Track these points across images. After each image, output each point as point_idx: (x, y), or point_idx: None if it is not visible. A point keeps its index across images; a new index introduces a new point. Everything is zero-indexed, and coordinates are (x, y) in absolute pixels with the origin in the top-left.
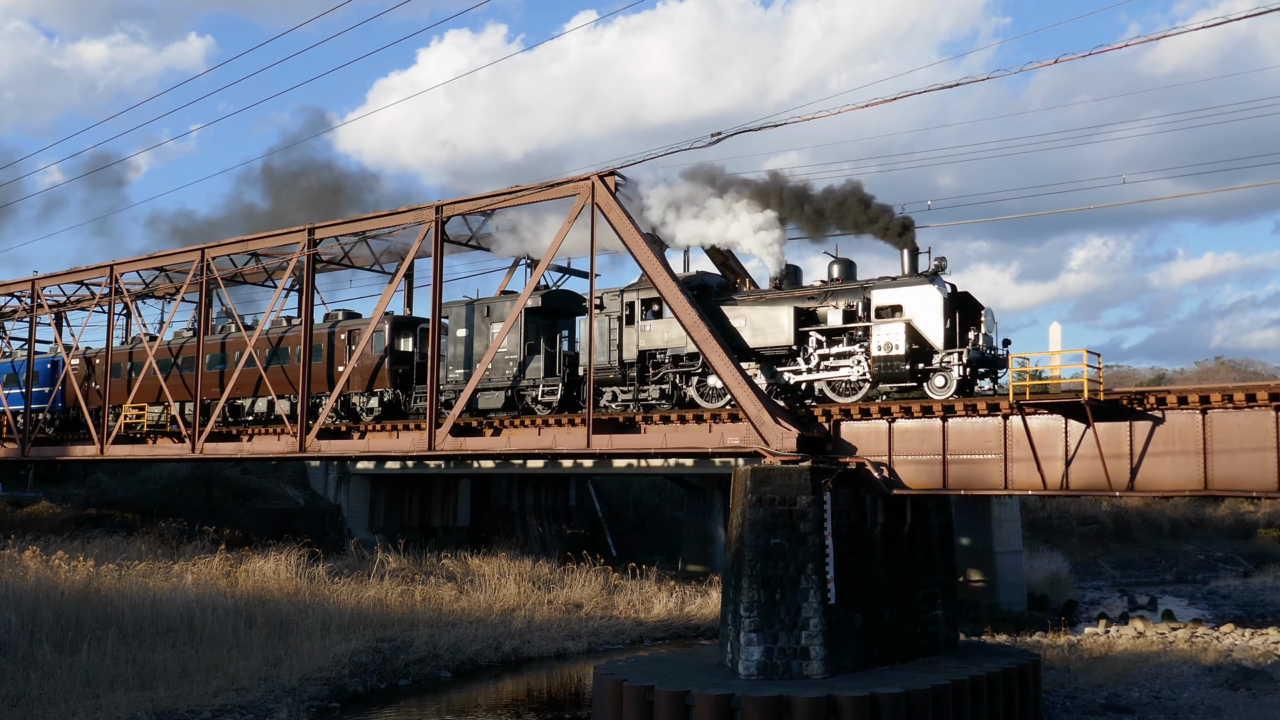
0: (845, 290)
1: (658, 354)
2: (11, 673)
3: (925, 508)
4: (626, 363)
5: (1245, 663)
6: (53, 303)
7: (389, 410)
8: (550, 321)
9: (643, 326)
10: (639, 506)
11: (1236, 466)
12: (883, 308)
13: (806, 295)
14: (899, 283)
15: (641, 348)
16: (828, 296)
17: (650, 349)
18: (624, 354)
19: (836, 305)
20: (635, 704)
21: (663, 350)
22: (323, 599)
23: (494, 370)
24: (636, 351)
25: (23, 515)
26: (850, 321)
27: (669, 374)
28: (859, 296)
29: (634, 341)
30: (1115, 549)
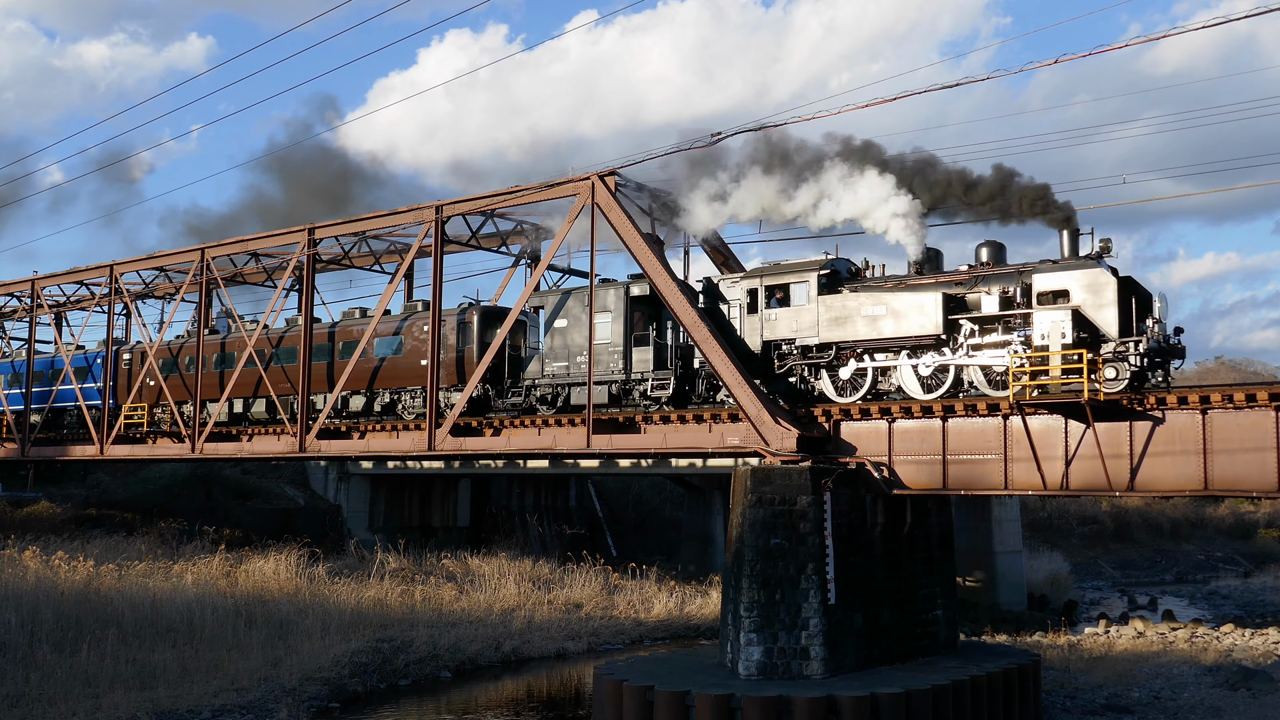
0: (999, 275)
1: (784, 345)
2: (11, 673)
3: (925, 508)
4: (750, 353)
5: (1245, 663)
6: (53, 303)
7: (476, 406)
8: (656, 310)
9: (768, 315)
10: (639, 506)
11: (1236, 466)
12: (1045, 293)
13: (954, 280)
14: (1064, 265)
15: (766, 338)
16: (979, 282)
17: (776, 339)
18: (747, 345)
19: (990, 291)
20: (635, 704)
21: (790, 340)
22: (323, 599)
23: (596, 363)
24: (760, 342)
25: (23, 515)
26: (1007, 308)
27: (797, 366)
28: (1015, 281)
29: (757, 332)
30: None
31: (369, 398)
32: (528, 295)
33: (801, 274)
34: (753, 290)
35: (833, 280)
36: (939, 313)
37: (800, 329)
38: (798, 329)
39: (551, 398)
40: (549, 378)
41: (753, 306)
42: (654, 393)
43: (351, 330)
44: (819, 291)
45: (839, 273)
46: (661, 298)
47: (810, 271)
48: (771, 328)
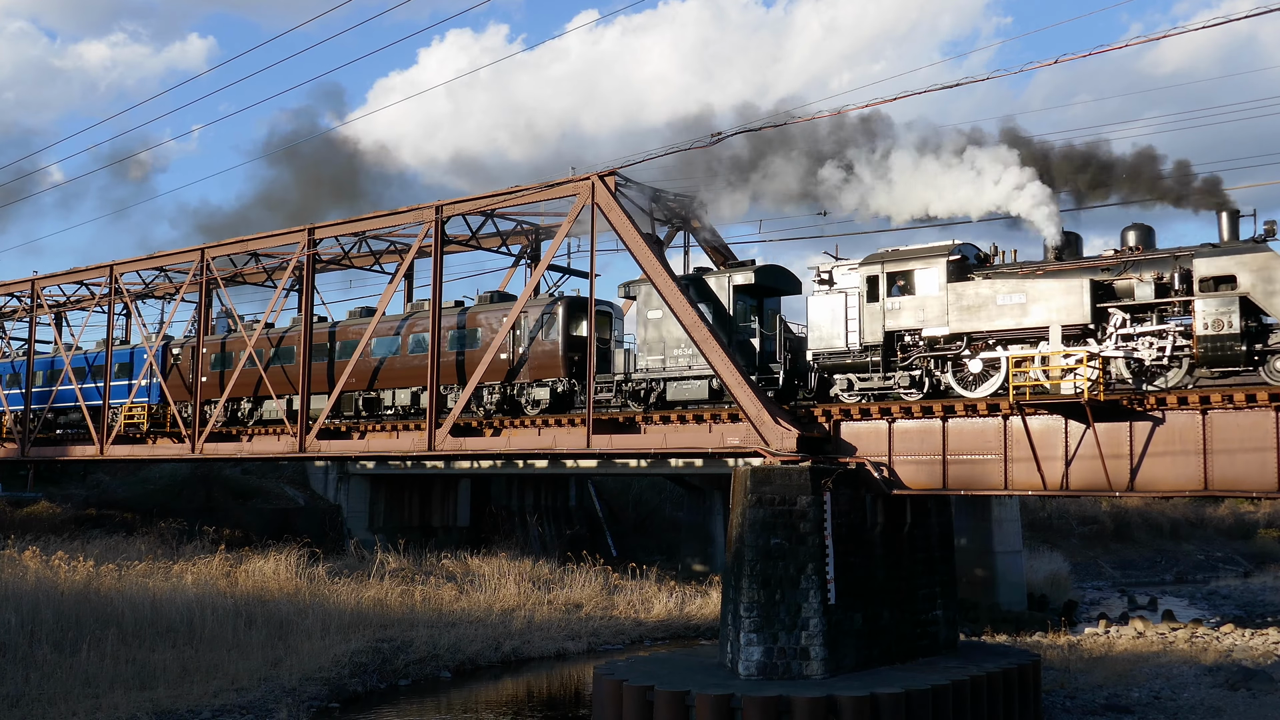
0: (1151, 260)
1: (907, 335)
2: (11, 673)
3: (925, 508)
4: (869, 345)
5: (1245, 663)
6: (52, 303)
7: (559, 403)
8: (757, 301)
9: (890, 304)
10: (639, 506)
11: (1236, 466)
12: (1208, 279)
13: (1100, 266)
14: (1228, 249)
15: (888, 328)
16: (1129, 267)
17: (899, 330)
18: (865, 336)
19: (1142, 277)
20: (635, 704)
21: (915, 331)
22: (323, 599)
23: (696, 356)
24: (882, 333)
25: (22, 515)
26: (1163, 295)
27: (922, 358)
28: (1171, 266)
29: (878, 321)
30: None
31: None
32: (527, 296)
33: (928, 259)
34: (873, 277)
35: (960, 267)
36: (1087, 300)
37: (927, 318)
38: (924, 318)
39: (645, 393)
40: (642, 372)
41: (873, 294)
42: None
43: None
44: (948, 278)
45: (967, 258)
46: (661, 297)
47: (938, 257)
48: (894, 317)
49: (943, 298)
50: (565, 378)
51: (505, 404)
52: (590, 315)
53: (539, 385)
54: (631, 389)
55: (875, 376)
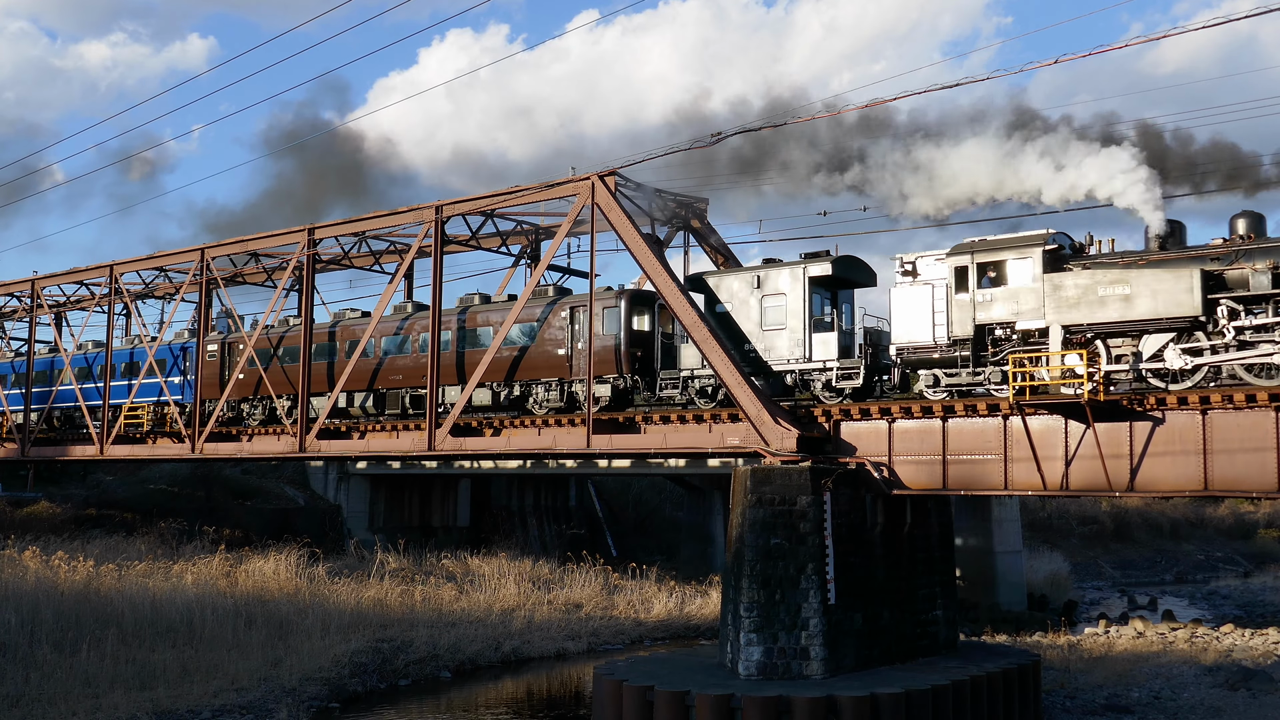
0: (1266, 248)
1: (999, 328)
2: (11, 673)
3: (925, 508)
4: (957, 339)
5: (1245, 663)
6: (52, 303)
7: (619, 400)
8: (832, 293)
9: (980, 296)
10: (639, 506)
11: (1236, 467)
12: None
13: (1210, 255)
14: None
15: (979, 321)
16: (1241, 256)
17: (990, 323)
18: (953, 329)
19: (1256, 266)
20: (635, 704)
21: (1007, 324)
22: (322, 599)
23: (770, 349)
24: (972, 326)
25: (22, 515)
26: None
27: (1014, 353)
28: None
29: (967, 314)
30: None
31: (496, 392)
32: (527, 295)
33: (1023, 249)
34: (961, 268)
35: (1057, 256)
36: (1198, 291)
37: (1021, 311)
38: (1018, 311)
39: (713, 390)
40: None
41: (961, 285)
42: (839, 383)
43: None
44: (1044, 268)
45: (1062, 247)
46: (661, 297)
47: (1033, 247)
48: (985, 309)
49: (1038, 289)
50: (627, 374)
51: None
52: (590, 312)
53: (599, 382)
54: (700, 386)
55: (964, 372)
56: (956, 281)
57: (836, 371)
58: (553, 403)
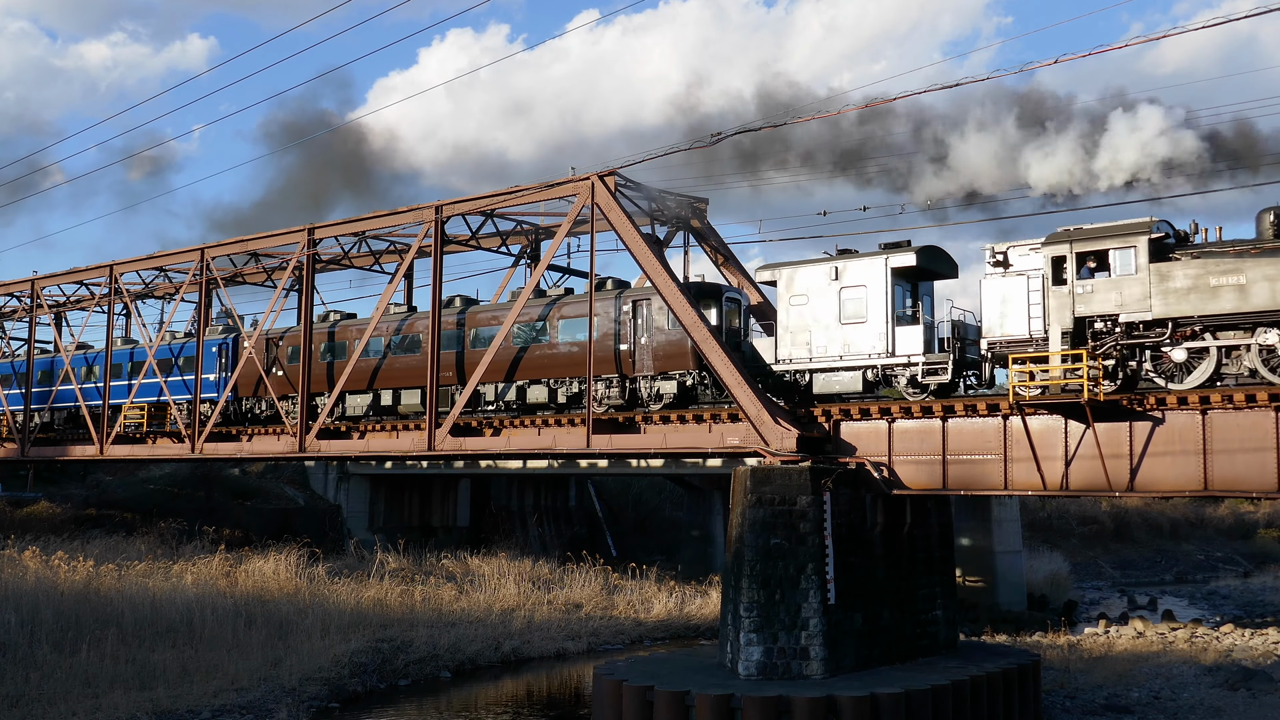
0: None
1: (1100, 321)
2: (11, 673)
3: (925, 508)
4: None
5: (1245, 663)
6: (52, 303)
7: (685, 396)
8: (913, 284)
9: (1080, 287)
10: (639, 506)
11: (1236, 467)
12: None
13: None
14: None
15: (1079, 314)
16: None
17: (1090, 315)
18: (1050, 322)
19: None
20: (635, 704)
21: (1110, 317)
22: (322, 599)
23: (850, 344)
24: (1070, 319)
25: (22, 515)
26: None
27: (1117, 347)
28: None
29: (1066, 306)
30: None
31: (551, 389)
32: (527, 295)
33: (1126, 237)
34: (1059, 258)
35: (1162, 245)
36: None
37: (1126, 302)
38: (1122, 302)
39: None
40: (784, 363)
41: (1058, 276)
42: (924, 379)
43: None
44: (1149, 258)
45: (1166, 236)
46: (661, 296)
47: (1138, 235)
48: (1085, 301)
49: (1143, 279)
50: (695, 369)
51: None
52: (590, 310)
53: (664, 378)
54: (773, 382)
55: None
56: (1053, 272)
57: (922, 367)
58: (612, 399)
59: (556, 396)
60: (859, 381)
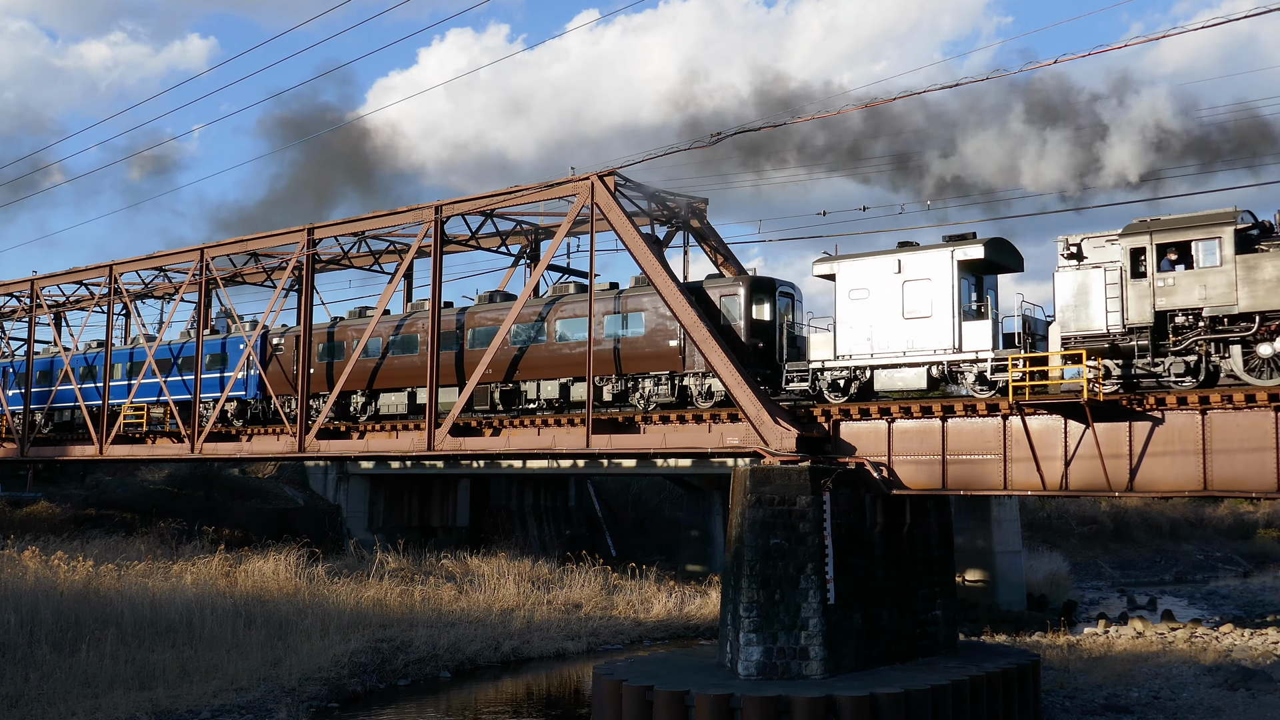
0: None
1: (1181, 315)
2: (11, 673)
3: (925, 508)
4: (1134, 327)
5: (1244, 663)
6: (51, 303)
7: None
8: (978, 277)
9: (1160, 280)
10: (639, 506)
11: (1236, 467)
12: None
13: None
14: None
15: (1160, 307)
16: None
17: (1172, 309)
18: (1129, 316)
19: None
20: (635, 704)
21: (1193, 310)
22: (322, 599)
23: (915, 338)
24: (1150, 312)
25: (22, 515)
26: None
27: (1201, 341)
28: None
29: (1145, 299)
30: (1115, 549)
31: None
32: (527, 295)
33: (1211, 228)
34: (1138, 250)
35: (1248, 236)
36: None
37: (1210, 296)
38: (1206, 295)
39: (845, 383)
40: (844, 358)
41: (1137, 269)
42: (994, 375)
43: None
44: (1236, 249)
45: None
46: (661, 296)
47: (1223, 225)
48: (1166, 294)
49: (1229, 271)
50: (749, 365)
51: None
52: (590, 309)
53: (714, 375)
54: (831, 378)
55: (1140, 362)
56: (1132, 264)
57: (991, 363)
58: (662, 397)
59: (602, 394)
60: (923, 378)
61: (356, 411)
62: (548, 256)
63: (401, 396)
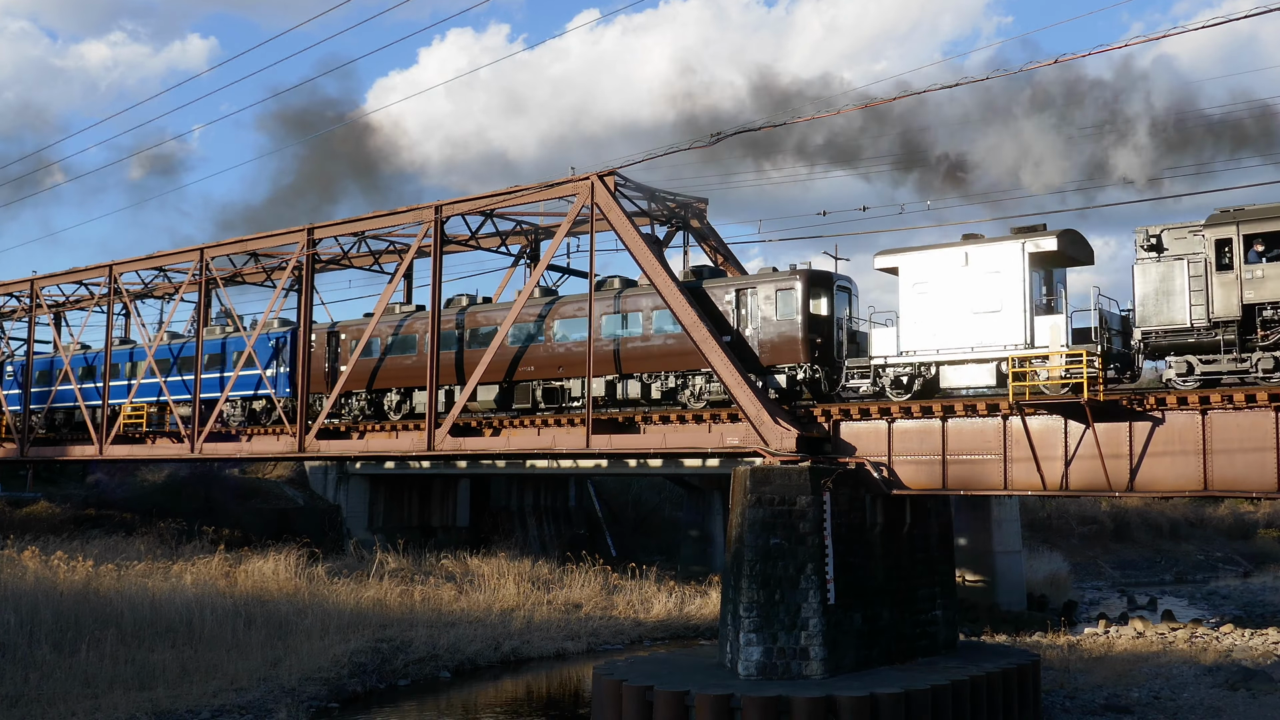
0: None
1: (1270, 308)
2: (11, 673)
3: (925, 508)
4: (1220, 321)
5: (1245, 663)
6: (51, 303)
7: (793, 392)
8: (1048, 271)
9: (1248, 272)
10: (639, 506)
11: (1236, 467)
12: None
13: None
14: None
15: (1248, 300)
16: None
17: (1260, 302)
18: (1214, 310)
19: None
20: (635, 704)
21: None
22: (322, 599)
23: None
24: (1238, 306)
25: (22, 515)
26: None
27: None
28: None
29: (1232, 292)
30: (1115, 549)
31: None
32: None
33: None
34: (1223, 240)
35: None
36: None
37: None
38: None
39: (909, 380)
40: (906, 354)
41: (1223, 261)
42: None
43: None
44: None
45: None
46: (661, 296)
47: None
48: (1254, 287)
49: None
50: (806, 363)
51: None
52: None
53: (774, 372)
54: (894, 375)
55: (1226, 358)
56: (1217, 256)
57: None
58: (714, 394)
59: (650, 391)
60: (993, 375)
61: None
62: (548, 256)
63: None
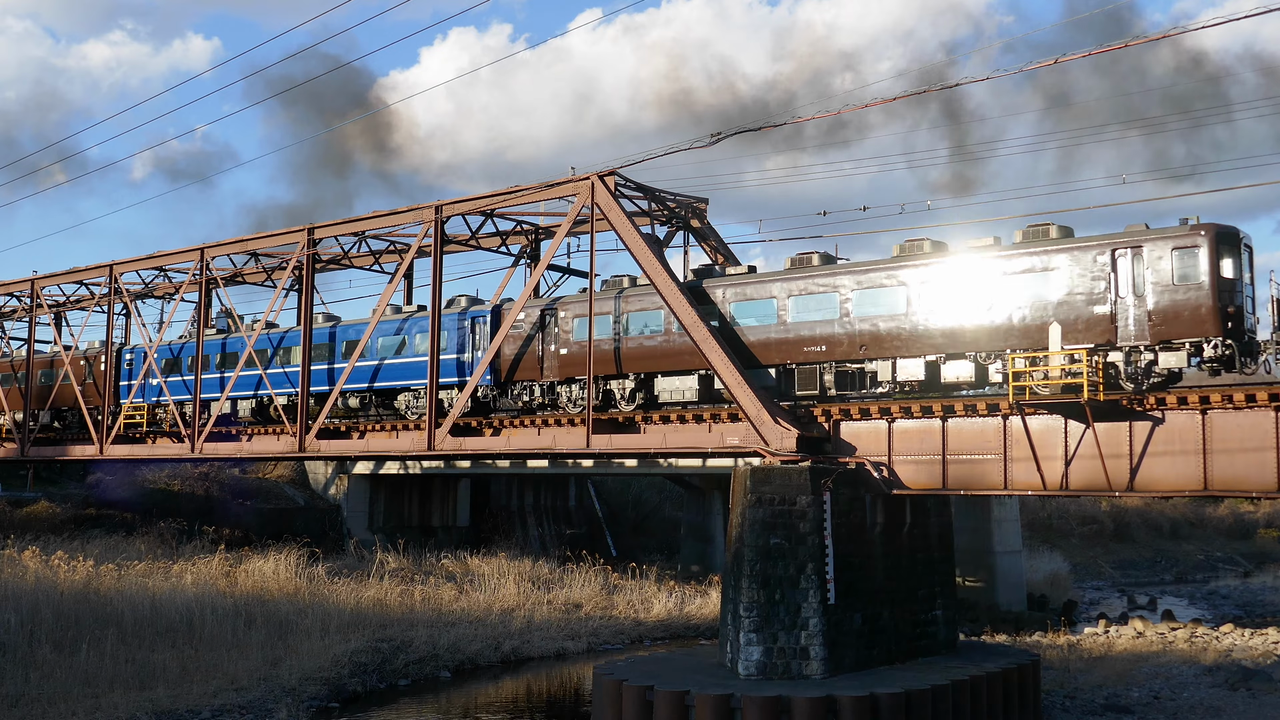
0: None
1: None
2: (11, 673)
3: (925, 508)
4: None
5: (1245, 663)
6: (52, 303)
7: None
8: None
9: None
10: (639, 506)
11: (1236, 466)
12: None
13: None
14: None
15: None
16: None
17: None
18: None
19: None
20: (635, 704)
21: None
22: (322, 599)
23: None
24: None
25: (22, 515)
26: None
27: None
28: None
29: None
30: (1115, 549)
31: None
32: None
33: None
34: None
35: None
36: None
37: None
38: None
39: None
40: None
41: None
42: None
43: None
44: None
45: None
46: (661, 296)
47: None
48: None
49: None
50: (1220, 336)
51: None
52: (590, 306)
53: (1168, 349)
54: None
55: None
56: None
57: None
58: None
59: None
60: None
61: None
62: (548, 256)
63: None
